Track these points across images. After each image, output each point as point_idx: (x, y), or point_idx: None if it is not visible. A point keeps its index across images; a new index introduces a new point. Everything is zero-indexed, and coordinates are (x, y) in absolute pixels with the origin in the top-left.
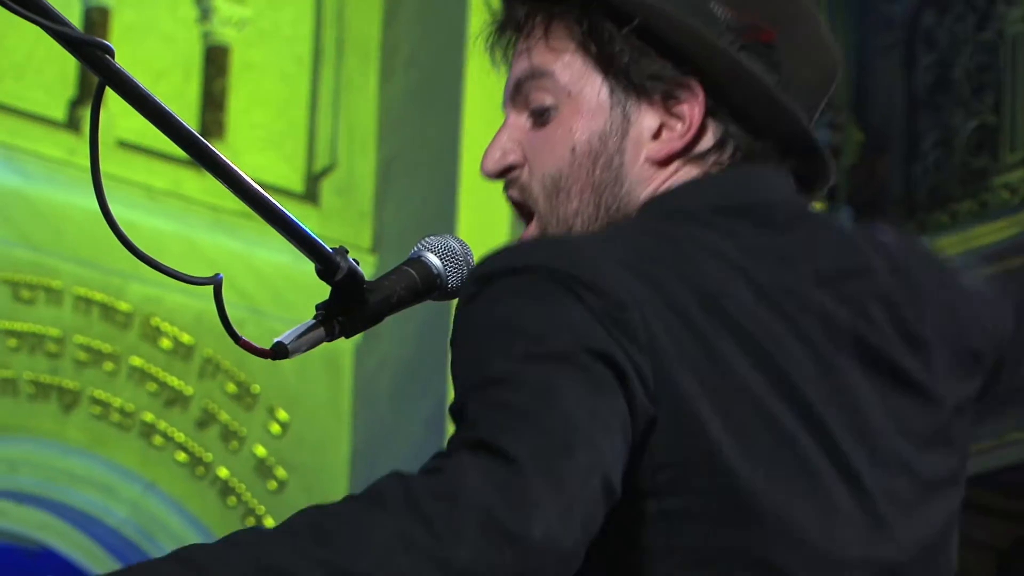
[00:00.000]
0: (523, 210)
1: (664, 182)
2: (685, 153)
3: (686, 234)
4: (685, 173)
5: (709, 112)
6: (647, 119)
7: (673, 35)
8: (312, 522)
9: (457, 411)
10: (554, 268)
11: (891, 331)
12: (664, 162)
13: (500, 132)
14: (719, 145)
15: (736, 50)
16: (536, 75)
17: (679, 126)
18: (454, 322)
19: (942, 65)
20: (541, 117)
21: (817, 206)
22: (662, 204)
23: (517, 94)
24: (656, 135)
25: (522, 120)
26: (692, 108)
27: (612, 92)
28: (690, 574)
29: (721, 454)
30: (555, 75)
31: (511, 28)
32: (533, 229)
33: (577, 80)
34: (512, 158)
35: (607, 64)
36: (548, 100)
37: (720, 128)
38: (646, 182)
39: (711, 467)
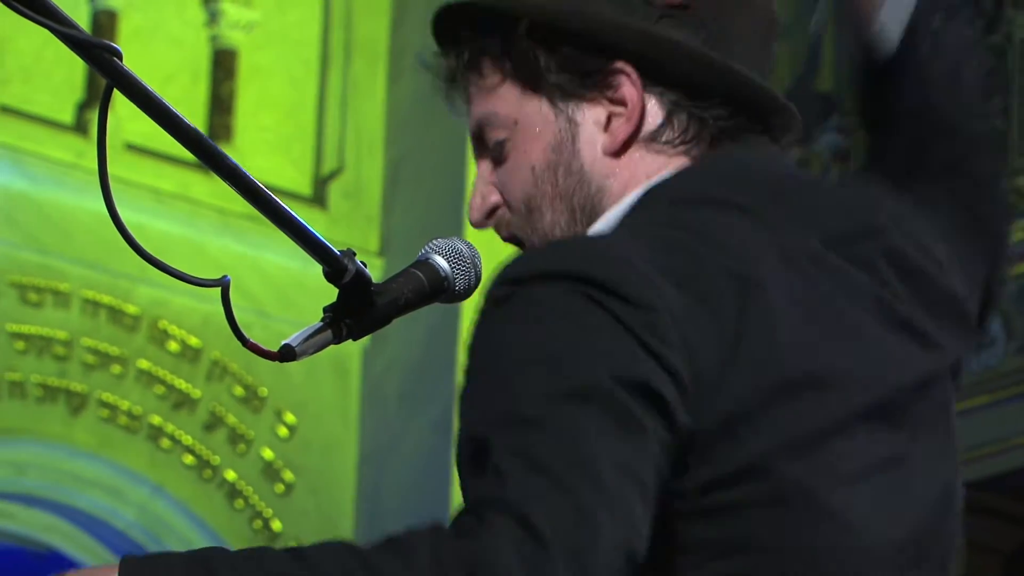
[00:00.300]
0: (520, 245)
1: (634, 170)
2: (638, 134)
3: (700, 221)
4: (652, 158)
5: (648, 88)
6: (592, 115)
7: (587, 32)
8: (343, 568)
9: (480, 442)
10: (580, 276)
11: (902, 288)
12: (621, 150)
13: (476, 184)
14: (669, 118)
15: (654, 22)
16: (484, 123)
17: (624, 110)
18: (477, 326)
19: None
20: (499, 153)
21: None
22: (665, 194)
23: (478, 145)
24: (606, 127)
25: (487, 164)
26: (630, 90)
27: (552, 104)
28: (720, 564)
29: (761, 454)
30: (497, 113)
31: (451, 81)
32: None
33: (517, 107)
34: (493, 199)
35: (537, 81)
36: (500, 135)
37: (666, 101)
38: (612, 175)
39: (750, 466)
